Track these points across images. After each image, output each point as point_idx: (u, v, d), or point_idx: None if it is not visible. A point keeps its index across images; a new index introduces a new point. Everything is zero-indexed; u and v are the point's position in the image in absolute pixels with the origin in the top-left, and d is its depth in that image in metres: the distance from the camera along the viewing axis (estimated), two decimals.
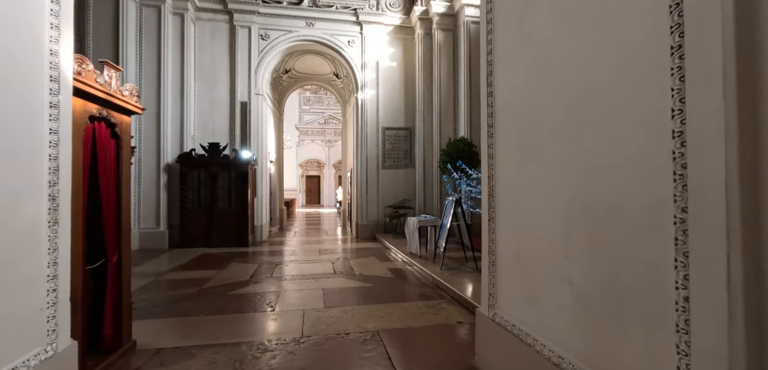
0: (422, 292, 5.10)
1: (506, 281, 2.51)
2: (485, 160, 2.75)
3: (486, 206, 2.73)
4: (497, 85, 2.60)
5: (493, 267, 2.66)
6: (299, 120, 30.13)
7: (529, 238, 2.24)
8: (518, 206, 2.36)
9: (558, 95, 1.98)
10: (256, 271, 6.39)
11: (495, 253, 2.64)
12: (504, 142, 2.53)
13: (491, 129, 2.68)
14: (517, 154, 2.37)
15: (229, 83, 9.82)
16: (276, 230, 12.63)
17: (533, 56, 2.20)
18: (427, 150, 10.64)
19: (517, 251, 2.36)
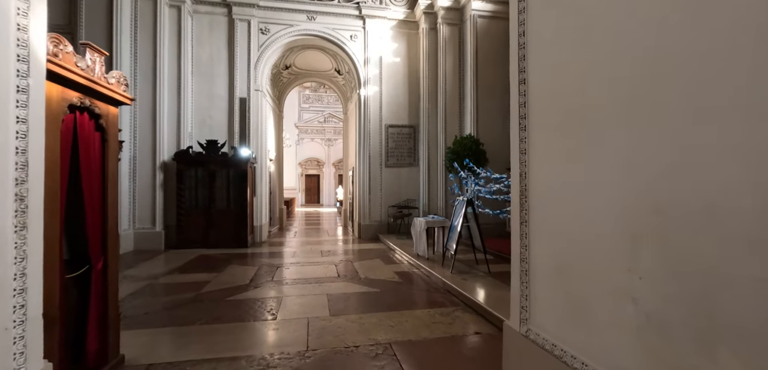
0: (433, 298, 4.80)
1: (544, 294, 2.20)
2: (516, 156, 2.44)
3: (517, 209, 2.42)
4: (532, 70, 2.30)
5: (525, 277, 2.36)
6: (299, 118, 29.82)
7: (576, 245, 1.93)
8: (561, 208, 2.05)
9: (621, 72, 1.67)
10: (255, 274, 6.07)
11: (528, 261, 2.33)
12: (540, 135, 2.23)
13: (523, 121, 2.37)
14: (559, 148, 2.07)
15: (227, 79, 9.50)
16: (276, 230, 12.32)
17: (583, 28, 1.89)
18: (432, 148, 10.34)
19: (560, 260, 2.05)
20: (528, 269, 2.34)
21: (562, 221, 2.04)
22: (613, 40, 1.73)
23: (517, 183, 2.42)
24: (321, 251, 8.40)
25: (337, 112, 29.35)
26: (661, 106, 1.49)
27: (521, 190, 2.39)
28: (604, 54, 1.77)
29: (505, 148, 9.72)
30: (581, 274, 1.90)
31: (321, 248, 8.98)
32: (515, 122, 2.44)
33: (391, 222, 10.47)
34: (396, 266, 6.80)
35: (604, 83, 1.77)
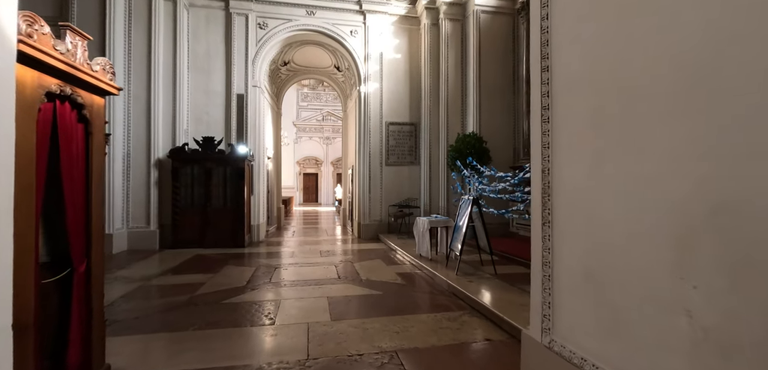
0: (438, 301, 4.59)
1: (571, 302, 2.00)
2: (537, 151, 2.24)
3: (538, 208, 2.22)
4: (556, 57, 2.09)
5: (547, 283, 2.16)
6: (297, 116, 29.59)
7: (611, 249, 1.73)
8: (592, 208, 1.85)
9: (673, 51, 1.47)
10: (253, 275, 5.86)
11: (551, 266, 2.13)
12: (567, 128, 2.02)
13: (546, 112, 2.17)
14: (590, 140, 1.86)
15: (224, 74, 9.26)
16: (273, 230, 12.09)
17: (620, 4, 1.69)
18: (434, 146, 10.14)
19: (591, 265, 1.85)
20: (551, 274, 2.14)
21: (594, 222, 1.84)
22: (656, 14, 1.52)
23: (539, 180, 2.22)
24: (320, 251, 8.19)
25: (336, 110, 29.13)
26: (721, 92, 1.29)
27: (543, 188, 2.18)
28: (645, 33, 1.57)
29: (508, 146, 9.58)
30: (618, 281, 1.70)
31: (320, 248, 8.77)
32: (536, 114, 2.23)
33: (391, 222, 10.27)
34: (398, 266, 6.59)
35: (646, 68, 1.57)
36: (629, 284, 1.64)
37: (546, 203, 2.16)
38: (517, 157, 9.25)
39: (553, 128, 2.12)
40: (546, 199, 2.17)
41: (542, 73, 2.19)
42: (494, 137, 9.04)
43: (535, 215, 2.26)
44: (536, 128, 2.25)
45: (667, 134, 1.49)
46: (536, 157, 2.25)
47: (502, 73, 9.39)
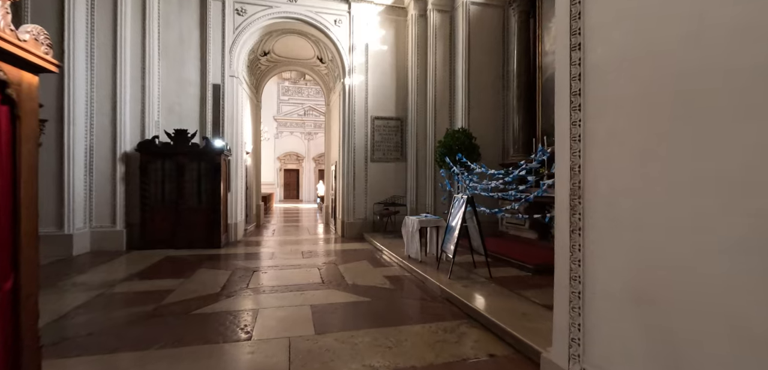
0: (432, 309, 4.25)
1: (610, 326, 1.66)
2: (564, 145, 1.90)
3: (565, 213, 1.88)
4: (593, 32, 1.75)
5: (576, 301, 1.82)
6: (277, 111, 28.82)
7: (672, 265, 1.40)
8: (643, 214, 1.51)
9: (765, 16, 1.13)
10: (228, 280, 5.37)
11: (582, 281, 1.80)
12: (607, 118, 1.69)
13: (577, 99, 1.82)
14: (641, 133, 1.52)
15: (199, 63, 8.65)
16: (252, 228, 11.53)
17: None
18: (421, 142, 9.80)
19: (641, 284, 1.52)
20: (582, 292, 1.80)
21: (646, 231, 1.50)
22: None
23: (566, 180, 1.87)
24: (301, 252, 7.74)
25: (318, 105, 28.51)
26: None
27: (572, 189, 1.84)
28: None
29: (497, 142, 9.32)
30: (682, 306, 1.37)
31: (301, 248, 8.31)
32: (563, 101, 1.89)
33: (376, 220, 9.88)
34: (385, 269, 6.23)
35: (738, 35, 1.23)
36: (700, 311, 1.31)
37: (575, 207, 1.82)
38: (506, 155, 9.01)
39: (587, 118, 1.78)
40: (575, 202, 1.83)
41: (572, 52, 1.85)
42: (483, 134, 8.76)
43: (560, 220, 1.92)
44: (563, 118, 1.91)
45: (756, 123, 1.15)
46: (563, 153, 1.91)
47: (491, 68, 9.13)
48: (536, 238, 7.02)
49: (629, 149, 1.57)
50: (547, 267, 5.26)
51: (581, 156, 1.81)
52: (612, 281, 1.66)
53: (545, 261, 5.39)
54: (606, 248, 1.69)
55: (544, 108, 7.70)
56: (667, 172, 1.42)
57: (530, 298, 4.10)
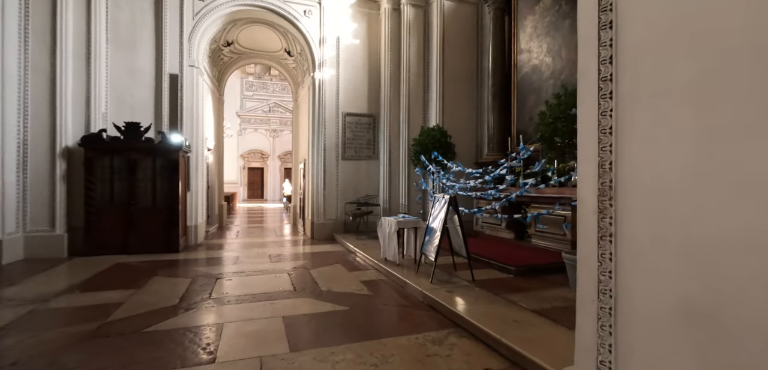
0: (416, 317, 3.96)
1: (653, 349, 1.43)
2: (591, 138, 1.65)
3: (591, 216, 1.64)
4: (629, 4, 1.50)
5: (607, 317, 1.58)
6: (241, 107, 27.70)
7: (739, 278, 1.16)
8: (700, 217, 1.27)
9: None
10: (188, 290, 4.83)
11: (614, 294, 1.55)
12: (650, 106, 1.44)
13: (608, 85, 1.58)
14: (692, 118, 1.29)
15: (154, 50, 7.90)
16: (214, 230, 10.80)
17: None
18: (394, 140, 9.52)
19: (696, 295, 1.28)
20: (614, 308, 1.56)
21: (701, 235, 1.27)
22: None
23: (593, 179, 1.63)
24: (269, 256, 7.24)
25: (284, 101, 27.65)
26: None
27: (601, 188, 1.60)
28: None
29: (471, 141, 9.20)
30: (754, 330, 1.13)
31: (269, 251, 7.79)
32: (590, 88, 1.64)
33: (348, 221, 9.51)
34: (361, 272, 5.89)
35: None
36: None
37: (605, 210, 1.58)
38: (480, 154, 8.93)
39: (621, 107, 1.54)
40: (605, 204, 1.58)
41: (601, 31, 1.60)
42: (457, 132, 8.60)
43: (585, 225, 1.67)
44: (588, 108, 1.66)
45: None
46: (588, 148, 1.66)
47: (465, 65, 9.00)
48: (513, 238, 6.93)
49: (683, 143, 1.34)
50: (528, 269, 5.14)
51: (613, 151, 1.56)
52: (656, 297, 1.42)
53: (526, 262, 5.27)
54: (649, 258, 1.45)
55: (520, 107, 7.64)
56: (734, 171, 1.19)
57: (518, 302, 3.91)
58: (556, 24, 6.66)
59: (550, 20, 6.80)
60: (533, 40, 7.24)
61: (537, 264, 5.21)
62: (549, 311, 3.65)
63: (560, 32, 6.58)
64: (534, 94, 7.23)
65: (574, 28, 6.69)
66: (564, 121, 4.23)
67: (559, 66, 6.63)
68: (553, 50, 6.76)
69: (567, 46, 6.44)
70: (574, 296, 4.26)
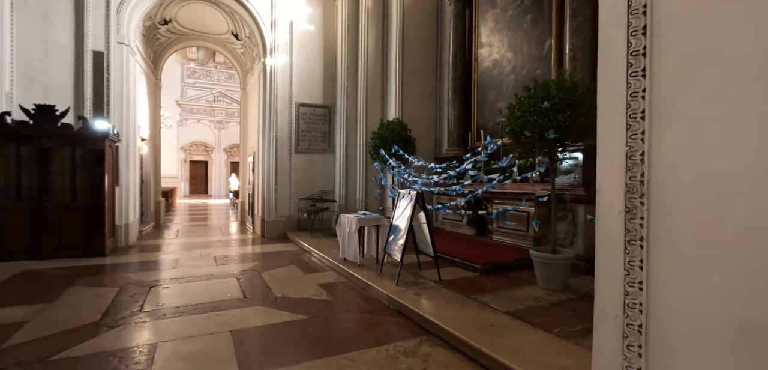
0: (383, 324, 3.62)
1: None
2: (614, 124, 1.40)
3: (614, 216, 1.39)
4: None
5: (635, 335, 1.34)
6: (182, 95, 25.69)
7: None
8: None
9: None
10: (113, 302, 4.11)
11: (646, 309, 1.31)
12: (698, 86, 1.19)
13: (639, 61, 1.33)
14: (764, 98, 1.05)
15: (73, 23, 6.82)
16: (150, 229, 9.72)
17: None
18: (351, 133, 9.10)
19: (761, 325, 1.04)
20: (644, 324, 1.31)
21: None
22: None
23: (618, 172, 1.37)
24: (214, 258, 6.54)
25: (230, 91, 26.04)
26: None
27: (629, 184, 1.35)
28: None
29: (430, 135, 9.00)
30: None
31: (214, 252, 7.06)
32: (614, 63, 1.38)
33: (302, 218, 8.96)
34: (318, 274, 5.44)
35: None
36: None
37: (635, 209, 1.33)
38: (439, 149, 8.77)
39: (657, 88, 1.29)
40: (635, 202, 1.33)
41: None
42: (417, 126, 8.33)
43: (605, 226, 1.42)
44: (612, 87, 1.40)
45: None
46: (611, 135, 1.40)
47: (425, 58, 8.78)
48: (474, 234, 6.83)
49: (748, 126, 1.09)
50: (494, 266, 4.99)
51: (646, 139, 1.31)
52: (704, 317, 1.19)
53: (491, 260, 5.13)
54: (694, 268, 1.21)
55: (480, 102, 7.56)
56: None
57: (490, 304, 3.71)
58: (518, 18, 6.62)
59: (512, 14, 6.74)
60: (495, 34, 7.17)
61: (502, 262, 5.09)
62: (523, 312, 3.48)
63: (522, 27, 6.54)
64: (495, 89, 7.17)
65: (536, 23, 6.71)
66: (534, 115, 4.09)
67: (520, 61, 6.59)
68: (514, 45, 6.71)
69: (529, 40, 6.41)
70: (545, 295, 4.20)
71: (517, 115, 4.23)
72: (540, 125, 4.05)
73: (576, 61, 5.20)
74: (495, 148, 5.02)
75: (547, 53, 6.03)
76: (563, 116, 3.92)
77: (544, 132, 4.01)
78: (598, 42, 1.46)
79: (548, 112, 3.96)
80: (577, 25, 5.22)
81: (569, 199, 5.03)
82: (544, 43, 6.12)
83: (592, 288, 4.24)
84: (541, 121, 4.03)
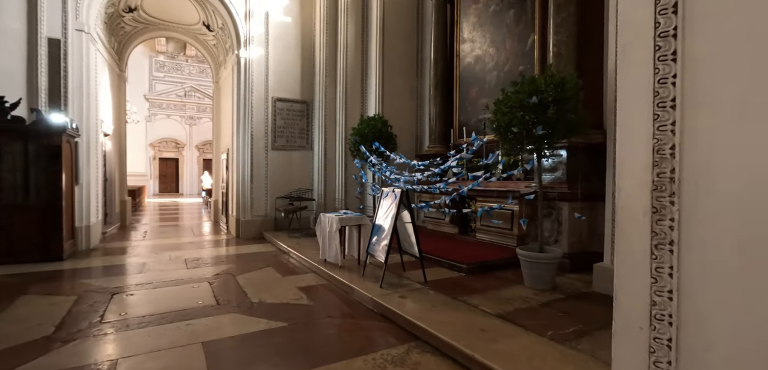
0: (368, 330, 3.42)
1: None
2: (638, 113, 1.25)
3: (639, 217, 1.25)
4: None
5: (665, 351, 1.21)
6: (150, 89, 24.60)
7: None
8: None
9: None
10: (70, 312, 3.73)
11: (677, 322, 1.16)
12: (744, 72, 1.05)
13: (669, 42, 1.19)
14: None
15: (25, 6, 6.25)
16: (115, 230, 9.14)
17: None
18: (330, 129, 8.83)
19: None
20: (675, 339, 1.17)
21: None
22: None
23: (643, 168, 1.23)
24: (185, 260, 6.15)
25: (202, 85, 25.13)
26: None
27: (657, 182, 1.21)
28: None
29: (411, 132, 8.84)
30: None
31: (185, 254, 6.66)
32: (636, 42, 1.23)
33: (279, 217, 8.63)
34: (297, 277, 5.18)
35: None
36: None
37: (663, 209, 1.19)
38: (421, 146, 8.64)
39: (690, 69, 1.14)
40: (663, 200, 1.20)
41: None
42: (397, 122, 8.14)
43: (628, 227, 1.27)
44: (638, 75, 1.25)
45: None
46: (636, 126, 1.26)
47: (406, 54, 8.61)
48: (457, 232, 6.73)
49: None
50: (479, 266, 4.88)
51: (677, 130, 1.17)
52: (749, 332, 1.05)
53: (476, 259, 5.02)
54: (737, 277, 1.08)
55: (462, 98, 7.46)
56: None
57: (479, 306, 3.57)
58: (501, 14, 6.54)
59: (495, 10, 6.66)
60: (477, 29, 7.07)
61: (488, 261, 4.99)
62: (513, 314, 3.36)
63: (505, 22, 6.47)
64: (477, 86, 7.08)
65: (519, 18, 6.65)
66: (521, 111, 3.99)
67: (503, 57, 6.52)
68: (497, 41, 6.64)
69: (511, 36, 6.34)
70: (533, 295, 4.10)
71: (504, 111, 4.12)
72: (527, 121, 3.95)
73: (560, 57, 5.14)
74: (481, 145, 4.90)
75: (530, 49, 5.98)
76: (551, 112, 3.83)
77: (533, 128, 3.91)
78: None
79: (536, 108, 3.87)
80: (561, 21, 5.17)
81: (553, 196, 4.98)
82: (526, 39, 6.06)
83: (579, 287, 4.21)
84: (529, 117, 3.93)
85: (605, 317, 3.26)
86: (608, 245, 3.89)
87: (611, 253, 3.87)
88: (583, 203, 4.82)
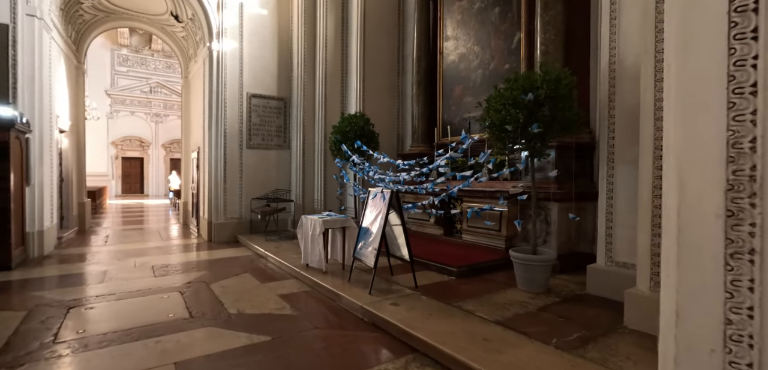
0: (360, 343, 3.17)
1: None
2: (710, 101, 1.06)
3: (709, 221, 1.07)
4: None
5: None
6: (112, 84, 23.27)
7: None
8: None
9: None
10: (18, 330, 3.27)
11: (758, 344, 1.00)
12: None
13: (749, 18, 1.04)
14: None
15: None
16: (72, 235, 8.42)
17: None
18: (309, 128, 8.50)
19: None
20: (756, 363, 1.00)
21: None
22: None
23: (718, 160, 1.05)
24: (152, 267, 5.68)
25: (170, 81, 24.01)
26: None
27: (731, 182, 1.03)
28: None
29: (392, 131, 8.63)
30: None
31: (151, 260, 6.16)
32: (713, 18, 1.05)
33: (255, 219, 8.21)
34: (278, 283, 4.85)
35: None
36: None
37: (742, 212, 1.03)
38: (403, 145, 8.45)
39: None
40: (742, 202, 1.03)
41: None
42: (378, 121, 7.92)
43: (692, 232, 1.10)
44: (708, 57, 1.08)
45: None
46: (706, 116, 1.09)
47: (388, 51, 8.39)
48: (442, 234, 6.57)
49: None
50: (470, 269, 4.73)
51: (758, 122, 1.00)
52: None
53: (466, 262, 4.86)
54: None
55: (446, 97, 7.32)
56: None
57: (475, 312, 3.40)
58: (486, 11, 6.44)
59: (480, 7, 6.55)
60: (461, 27, 6.95)
61: (477, 263, 4.84)
62: (513, 320, 3.20)
63: (490, 20, 6.37)
64: (461, 84, 6.95)
65: (505, 16, 6.55)
66: (515, 108, 3.85)
67: (488, 55, 6.42)
68: (482, 39, 6.53)
69: (497, 34, 6.25)
70: (528, 298, 3.96)
71: (498, 109, 3.97)
72: (521, 119, 3.82)
73: (548, 56, 5.07)
74: (471, 143, 4.74)
75: (516, 48, 5.90)
76: (547, 109, 3.72)
77: (527, 126, 3.78)
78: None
79: (531, 105, 3.74)
80: (549, 18, 5.10)
81: (542, 196, 4.89)
82: (513, 37, 5.98)
83: (573, 289, 4.12)
84: (523, 114, 3.80)
85: (606, 322, 3.16)
86: (602, 245, 3.81)
87: (605, 254, 3.79)
88: (573, 203, 4.76)
